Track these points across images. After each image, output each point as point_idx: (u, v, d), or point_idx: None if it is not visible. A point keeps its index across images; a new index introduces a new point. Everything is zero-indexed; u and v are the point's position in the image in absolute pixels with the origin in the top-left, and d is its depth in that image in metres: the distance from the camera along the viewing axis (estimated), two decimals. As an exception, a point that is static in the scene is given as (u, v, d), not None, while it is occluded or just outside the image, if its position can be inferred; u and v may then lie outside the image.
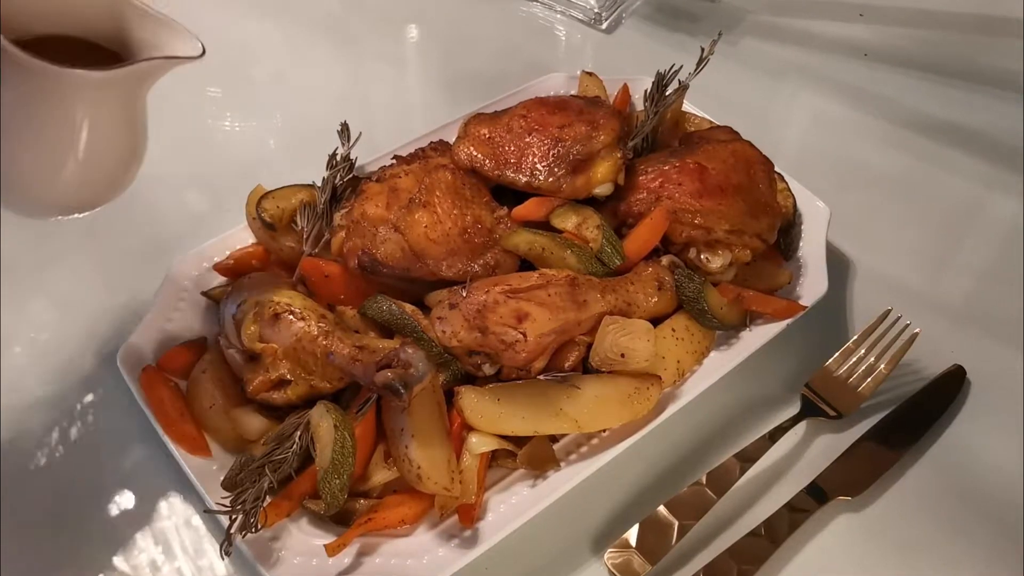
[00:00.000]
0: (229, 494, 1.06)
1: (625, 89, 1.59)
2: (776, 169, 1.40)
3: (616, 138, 1.33)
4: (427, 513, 1.12)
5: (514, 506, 1.12)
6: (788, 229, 1.40)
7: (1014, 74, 1.92)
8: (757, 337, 1.27)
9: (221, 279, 1.33)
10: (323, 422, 1.06)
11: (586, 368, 1.21)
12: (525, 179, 1.31)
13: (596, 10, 2.03)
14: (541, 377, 1.16)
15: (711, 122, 1.54)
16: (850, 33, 2.03)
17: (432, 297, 1.24)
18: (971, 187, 1.69)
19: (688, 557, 1.16)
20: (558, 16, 2.07)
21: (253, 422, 1.15)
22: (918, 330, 1.31)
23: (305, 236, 1.30)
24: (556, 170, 1.30)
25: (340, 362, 1.08)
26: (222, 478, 1.11)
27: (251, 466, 1.07)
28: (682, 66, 1.44)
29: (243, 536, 1.03)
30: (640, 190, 1.33)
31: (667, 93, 1.45)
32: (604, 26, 2.03)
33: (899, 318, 1.32)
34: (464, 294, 1.17)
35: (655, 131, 1.47)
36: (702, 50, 1.43)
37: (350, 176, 1.35)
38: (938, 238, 1.60)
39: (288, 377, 1.13)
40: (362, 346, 1.09)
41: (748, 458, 1.20)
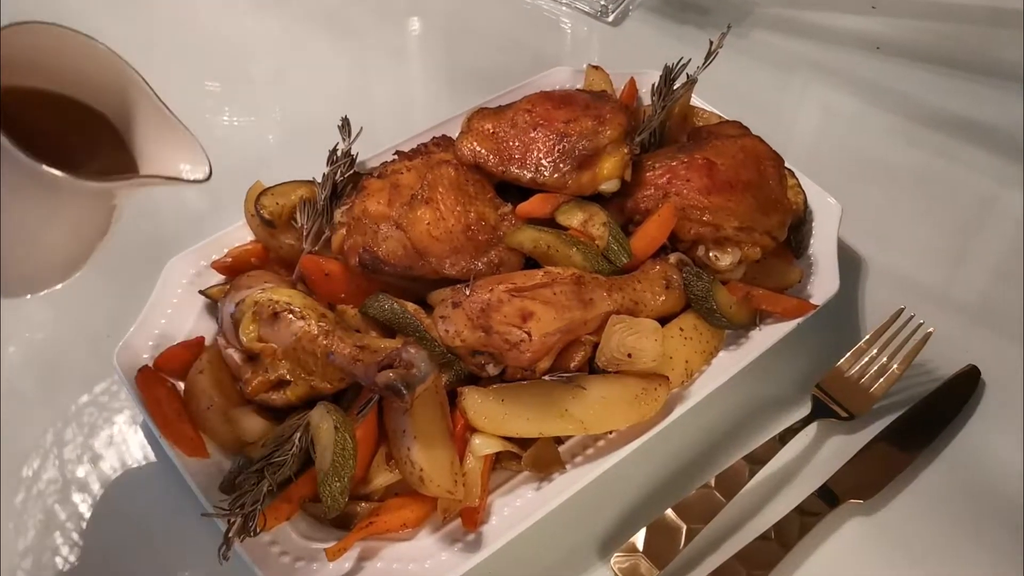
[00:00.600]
0: (227, 497, 1.06)
1: (632, 83, 1.59)
2: (786, 165, 1.40)
3: (623, 133, 1.32)
4: (429, 517, 1.12)
5: (518, 509, 1.12)
6: (799, 226, 1.40)
7: (1030, 68, 1.92)
8: (767, 337, 1.26)
9: (219, 277, 1.33)
10: (323, 423, 1.06)
11: (592, 368, 1.20)
12: (530, 175, 1.31)
13: (602, 2, 2.03)
14: (546, 378, 1.16)
15: (720, 117, 1.53)
16: (862, 25, 2.02)
17: (435, 296, 1.23)
18: (986, 183, 1.68)
19: (696, 562, 1.15)
20: (563, 8, 2.06)
21: (252, 423, 1.14)
22: (932, 329, 1.30)
23: (305, 233, 1.30)
24: (561, 166, 1.30)
25: (341, 362, 1.08)
26: (220, 480, 1.11)
27: (250, 468, 1.06)
28: (690, 59, 1.44)
29: (241, 540, 1.02)
30: (647, 186, 1.33)
31: (675, 87, 1.45)
32: (610, 18, 2.03)
33: (912, 317, 1.32)
34: (467, 293, 1.17)
35: (663, 126, 1.47)
36: (711, 43, 1.42)
37: (351, 172, 1.35)
38: (952, 235, 1.59)
39: (288, 377, 1.13)
40: (363, 346, 1.09)
41: (758, 460, 1.19)
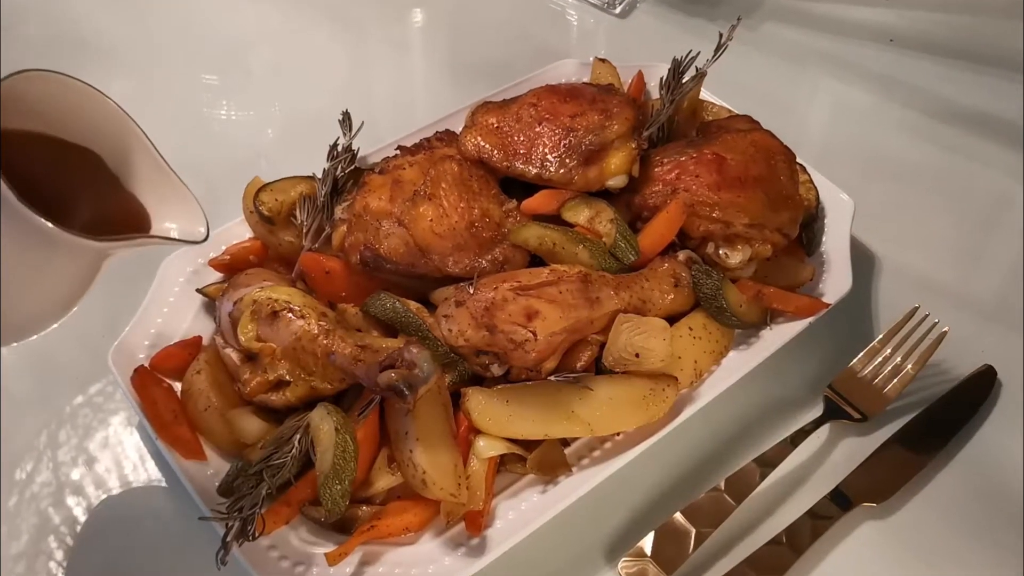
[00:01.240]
0: (225, 500, 1.06)
1: (640, 76, 1.59)
2: (798, 160, 1.40)
3: (630, 128, 1.32)
4: (432, 520, 1.12)
5: (523, 513, 1.11)
6: (810, 223, 1.39)
7: (1048, 60, 1.91)
8: (778, 336, 1.26)
9: (217, 275, 1.32)
10: (324, 425, 1.06)
11: (599, 369, 1.20)
12: (535, 171, 1.31)
13: (609, -7, 2.03)
14: (552, 378, 1.16)
15: (730, 111, 1.53)
16: (875, 17, 2.02)
17: (438, 294, 1.23)
18: (1002, 178, 1.67)
19: (706, 567, 1.15)
20: (570, 0, 2.06)
21: (250, 425, 1.14)
22: (947, 328, 1.30)
23: (305, 230, 1.30)
24: (568, 161, 1.30)
25: (341, 362, 1.08)
26: (218, 483, 1.12)
27: (248, 471, 1.06)
28: (699, 52, 1.43)
29: (240, 544, 1.02)
30: (656, 182, 1.33)
31: (684, 81, 1.44)
32: (618, 10, 2.02)
33: (927, 316, 1.31)
34: (471, 291, 1.16)
35: (671, 120, 1.46)
36: (720, 35, 1.42)
37: (352, 168, 1.35)
38: (968, 232, 1.59)
39: (287, 378, 1.12)
40: (364, 345, 1.08)
41: (768, 463, 1.19)
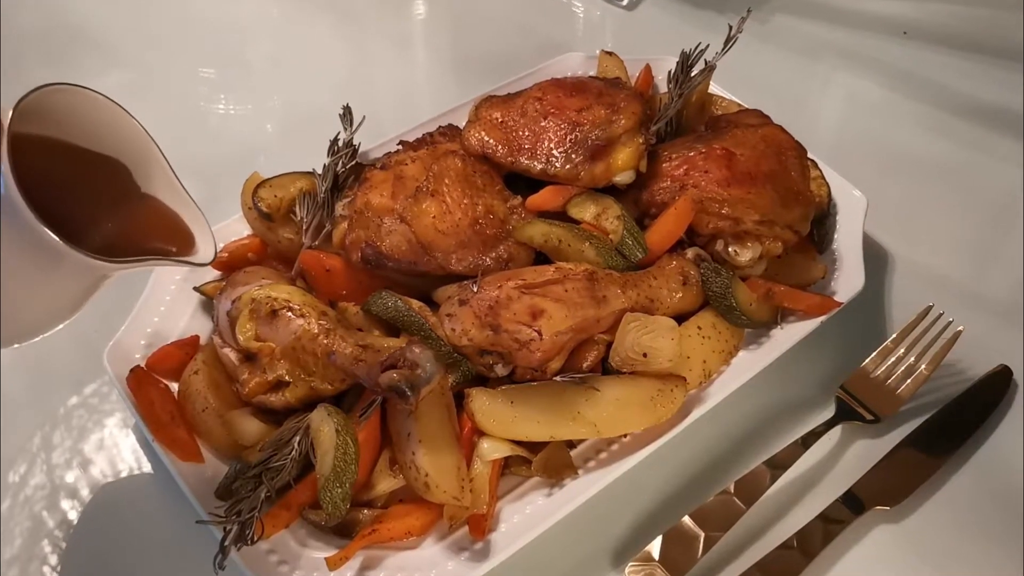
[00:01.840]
0: (223, 503, 1.06)
1: (647, 70, 1.58)
2: (809, 155, 1.39)
3: (638, 122, 1.32)
4: (435, 524, 1.12)
5: (528, 516, 1.11)
6: (822, 220, 1.39)
7: (1065, 53, 1.91)
8: (789, 335, 1.26)
9: (215, 273, 1.32)
10: (324, 426, 1.06)
11: (605, 369, 1.20)
12: (540, 166, 1.30)
13: (616, -15, 2.03)
14: (557, 378, 1.16)
15: (739, 105, 1.52)
16: (889, 9, 2.01)
17: (441, 293, 1.23)
18: (1018, 174, 1.67)
19: (715, 571, 1.15)
20: (575, -9, 2.06)
21: (249, 426, 1.14)
22: (961, 328, 1.30)
23: (305, 227, 1.30)
24: (574, 156, 1.29)
25: (342, 362, 1.08)
26: (216, 486, 1.11)
27: (247, 473, 1.06)
28: (708, 45, 1.43)
29: (238, 548, 1.02)
30: (664, 178, 1.32)
31: (692, 74, 1.44)
32: (625, 2, 2.02)
33: (941, 315, 1.31)
34: (475, 289, 1.16)
35: (680, 115, 1.46)
36: (730, 28, 1.41)
37: (353, 163, 1.35)
38: (983, 229, 1.59)
39: (286, 378, 1.12)
40: (366, 345, 1.08)
41: (779, 465, 1.19)
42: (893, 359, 1.30)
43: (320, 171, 1.34)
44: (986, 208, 1.62)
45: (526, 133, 1.33)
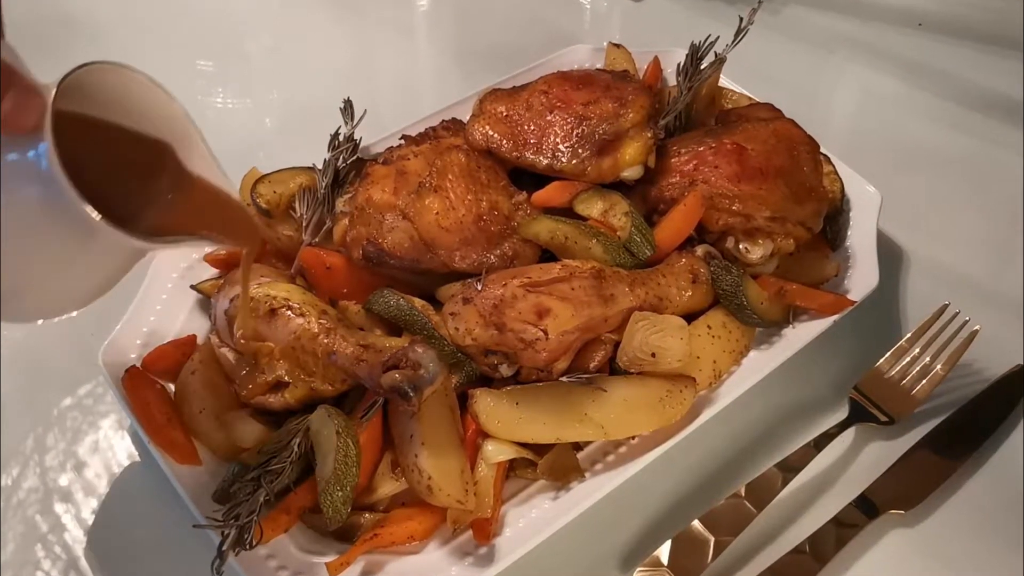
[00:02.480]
0: (221, 507, 1.05)
1: (656, 62, 1.58)
2: (822, 150, 1.39)
3: (646, 116, 1.31)
4: (438, 528, 1.12)
5: (534, 521, 1.11)
6: (835, 216, 1.39)
7: (1084, 45, 1.90)
8: (801, 335, 1.25)
9: (212, 271, 1.32)
10: (324, 428, 1.06)
11: (613, 369, 1.20)
12: (546, 161, 1.30)
13: (623, -25, 2.02)
14: (564, 379, 1.15)
15: (750, 99, 1.52)
16: (903, 0, 2.01)
17: (444, 291, 1.23)
18: (1037, 169, 1.67)
19: (725, 577, 1.15)
20: (582, -18, 2.06)
21: (247, 428, 1.14)
22: (978, 327, 1.29)
23: (304, 224, 1.30)
24: (580, 151, 1.29)
25: (343, 362, 1.07)
26: (213, 490, 1.11)
27: (245, 476, 1.06)
28: (719, 37, 1.43)
29: (236, 553, 1.02)
30: (673, 173, 1.32)
31: (702, 67, 1.44)
32: (632, -7, 2.02)
33: (957, 314, 1.31)
34: (479, 288, 1.16)
35: (689, 108, 1.46)
36: (741, 19, 1.41)
37: (354, 158, 1.35)
38: (1000, 225, 1.58)
39: (286, 379, 1.12)
40: (367, 345, 1.08)
41: (791, 468, 1.18)
42: (908, 359, 1.30)
43: (320, 166, 1.34)
44: (1004, 204, 1.61)
45: (531, 127, 1.32)
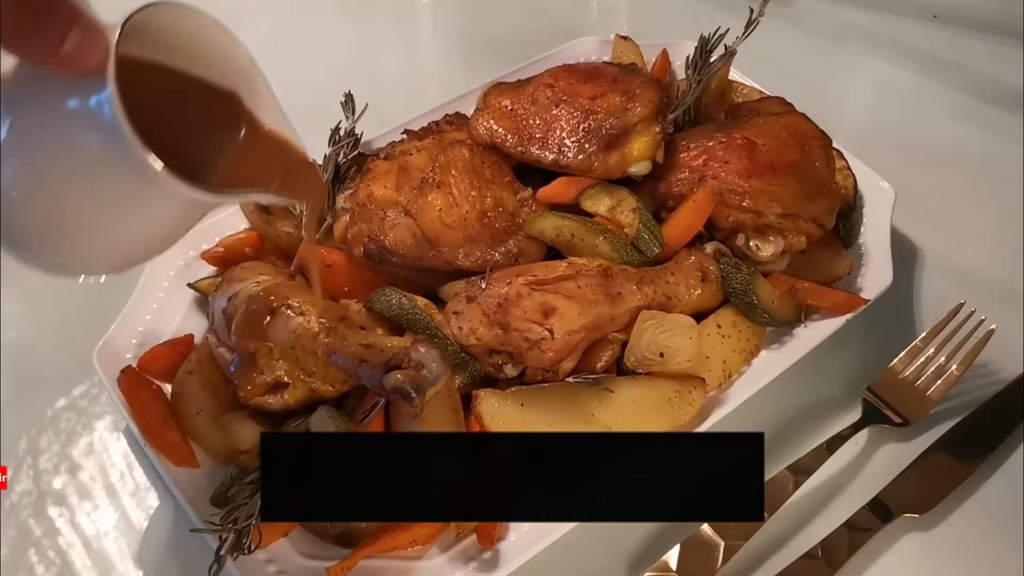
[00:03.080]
0: (219, 511, 1.05)
1: (664, 55, 1.58)
2: (835, 145, 1.38)
3: (654, 110, 1.31)
4: (441, 533, 1.11)
5: (540, 525, 1.10)
6: (848, 213, 1.38)
7: (1103, 37, 1.90)
8: (813, 334, 1.25)
9: (210, 269, 1.32)
10: (325, 430, 1.05)
11: (620, 369, 1.20)
12: (552, 156, 1.30)
13: (630, -34, 2.02)
14: (570, 379, 1.15)
15: (761, 92, 1.52)
16: (917, -9, 2.01)
17: (447, 289, 1.23)
18: (1055, 165, 1.66)
19: (735, 582, 1.15)
20: (588, -27, 2.06)
21: (246, 430, 1.14)
22: (994, 326, 1.28)
23: (304, 221, 1.29)
24: (587, 146, 1.29)
25: (344, 363, 1.07)
26: (211, 493, 1.11)
27: (244, 479, 1.06)
28: (729, 29, 1.43)
29: (235, 558, 1.02)
30: (681, 169, 1.32)
31: (712, 60, 1.44)
32: (639, -16, 2.02)
33: (973, 313, 1.30)
34: (483, 286, 1.16)
35: (698, 102, 1.46)
36: (751, 11, 1.41)
37: (355, 153, 1.35)
38: (1017, 222, 1.57)
39: (285, 379, 1.12)
40: (368, 345, 1.08)
41: (803, 470, 1.18)
42: (922, 359, 1.29)
43: (321, 161, 1.34)
44: (1019, 200, 1.60)
45: (537, 122, 1.32)
